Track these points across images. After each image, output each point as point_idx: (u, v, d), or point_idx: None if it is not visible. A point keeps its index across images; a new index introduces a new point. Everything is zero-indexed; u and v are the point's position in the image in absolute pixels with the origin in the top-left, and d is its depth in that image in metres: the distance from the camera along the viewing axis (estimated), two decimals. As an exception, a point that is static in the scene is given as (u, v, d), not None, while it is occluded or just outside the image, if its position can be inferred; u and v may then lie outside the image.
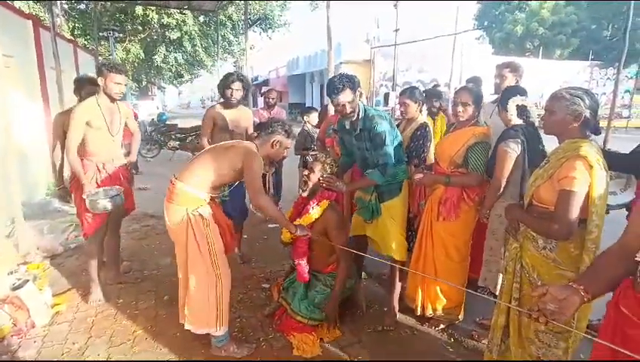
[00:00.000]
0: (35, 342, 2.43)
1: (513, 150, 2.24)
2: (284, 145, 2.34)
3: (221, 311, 2.21)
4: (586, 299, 1.17)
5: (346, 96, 2.32)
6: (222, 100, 3.34)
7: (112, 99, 2.73)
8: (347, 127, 2.53)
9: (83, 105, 2.69)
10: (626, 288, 1.19)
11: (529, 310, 1.23)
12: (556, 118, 1.65)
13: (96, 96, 2.70)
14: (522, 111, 2.33)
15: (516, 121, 2.35)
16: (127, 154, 3.21)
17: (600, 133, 1.68)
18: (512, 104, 2.33)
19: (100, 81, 2.65)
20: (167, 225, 2.21)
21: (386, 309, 2.81)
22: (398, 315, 2.74)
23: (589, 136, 1.66)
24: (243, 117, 3.37)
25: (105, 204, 2.61)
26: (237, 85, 3.20)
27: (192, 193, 2.12)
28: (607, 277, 1.23)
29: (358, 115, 2.43)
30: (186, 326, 2.26)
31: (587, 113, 1.60)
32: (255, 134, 2.86)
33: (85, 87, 3.08)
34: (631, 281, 1.19)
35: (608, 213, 1.80)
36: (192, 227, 2.11)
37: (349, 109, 2.36)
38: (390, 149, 2.38)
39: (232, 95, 3.20)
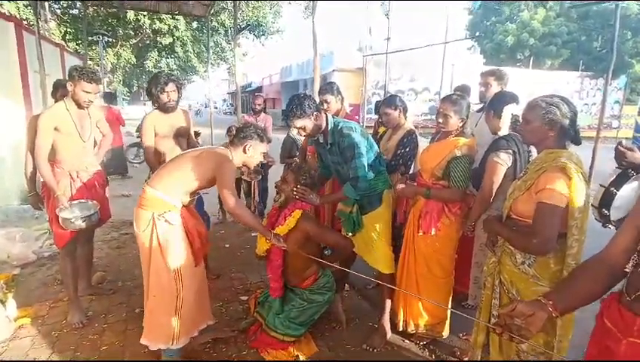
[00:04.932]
0: (-10, 358, 2.29)
1: (504, 161, 2.16)
2: (257, 149, 2.26)
3: (179, 325, 2.11)
4: (554, 315, 1.11)
5: (297, 123, 2.28)
6: (157, 106, 2.93)
7: (80, 106, 2.59)
8: (321, 140, 2.46)
9: (50, 110, 2.57)
10: (611, 300, 1.14)
11: (494, 324, 1.16)
12: (532, 127, 1.59)
13: (65, 100, 2.58)
14: (515, 121, 2.23)
15: (506, 130, 2.26)
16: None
17: (580, 143, 1.61)
18: (507, 112, 2.22)
19: (69, 86, 2.52)
20: (135, 232, 2.15)
21: (371, 324, 2.69)
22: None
23: (568, 146, 1.59)
24: (185, 120, 3.10)
25: (79, 224, 2.49)
26: (171, 87, 2.86)
27: (160, 198, 2.07)
28: (581, 292, 1.16)
29: (327, 127, 2.36)
30: (142, 341, 2.15)
31: (564, 122, 1.53)
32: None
33: (59, 90, 2.98)
34: (617, 294, 1.13)
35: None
36: (156, 232, 2.04)
37: (303, 134, 2.36)
38: (361, 162, 2.28)
39: (169, 98, 2.87)
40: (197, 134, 4.67)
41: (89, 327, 2.63)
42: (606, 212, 1.82)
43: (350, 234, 2.54)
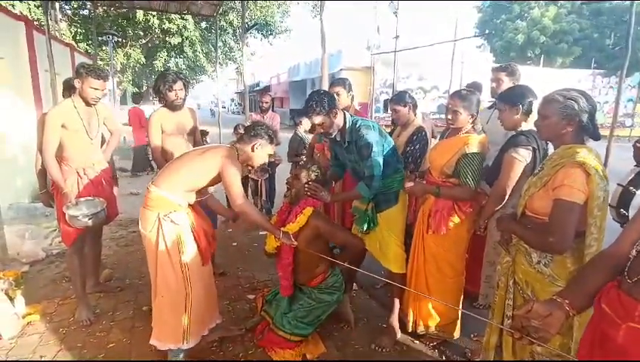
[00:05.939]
0: (-2, 355, 2.30)
1: (523, 157, 2.09)
2: (265, 149, 2.23)
3: (188, 325, 2.09)
4: (571, 314, 1.08)
5: (316, 119, 2.29)
6: (164, 103, 2.93)
7: (88, 104, 2.60)
8: (337, 138, 2.43)
9: (57, 107, 2.58)
10: (610, 286, 1.11)
11: (511, 327, 1.12)
12: (549, 122, 1.52)
13: (73, 97, 2.59)
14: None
15: (531, 125, 2.20)
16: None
17: (599, 139, 1.54)
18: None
19: (77, 83, 2.52)
20: (141, 232, 2.12)
21: (380, 324, 2.64)
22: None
23: (587, 141, 1.53)
24: (192, 118, 3.10)
25: (86, 221, 2.49)
26: (179, 85, 2.86)
27: (165, 197, 2.05)
28: (595, 288, 1.12)
29: (345, 126, 2.34)
30: (151, 341, 2.14)
31: (582, 116, 1.47)
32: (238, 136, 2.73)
33: (71, 88, 2.98)
34: (616, 280, 1.11)
35: None
36: (162, 232, 2.02)
37: (320, 130, 2.35)
38: (377, 161, 2.26)
39: (177, 96, 2.87)
40: (204, 133, 4.67)
41: (96, 325, 2.63)
42: (624, 212, 1.75)
43: (363, 231, 2.51)
